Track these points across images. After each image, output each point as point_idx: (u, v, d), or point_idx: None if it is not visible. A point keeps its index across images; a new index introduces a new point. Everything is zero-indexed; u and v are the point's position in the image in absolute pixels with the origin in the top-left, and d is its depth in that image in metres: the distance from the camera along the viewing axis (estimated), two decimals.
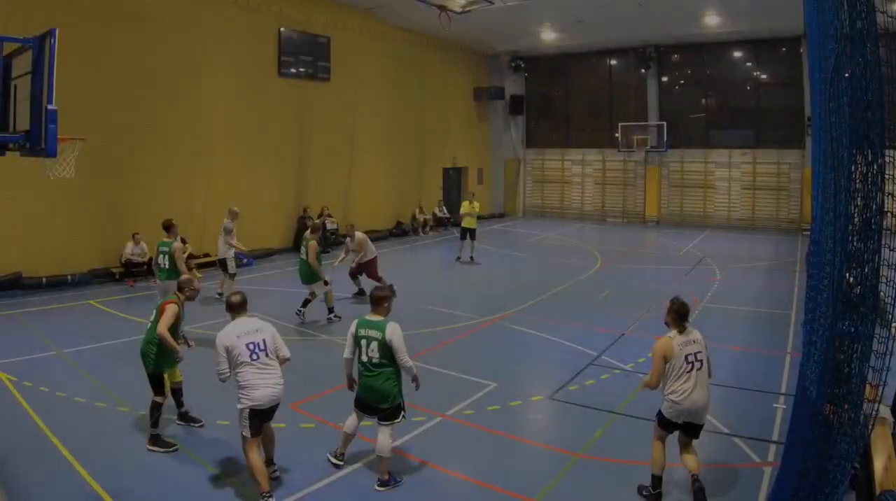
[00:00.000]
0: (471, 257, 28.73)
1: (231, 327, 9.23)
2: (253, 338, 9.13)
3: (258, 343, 9.12)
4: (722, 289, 23.21)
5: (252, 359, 8.97)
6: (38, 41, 9.45)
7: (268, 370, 9.06)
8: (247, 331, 9.19)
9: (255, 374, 8.93)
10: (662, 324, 10.19)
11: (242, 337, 9.09)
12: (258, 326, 9.37)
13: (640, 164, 43.90)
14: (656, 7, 32.95)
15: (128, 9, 24.49)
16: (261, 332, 9.26)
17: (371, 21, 35.76)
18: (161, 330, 10.37)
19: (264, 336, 9.25)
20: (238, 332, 9.14)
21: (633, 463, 10.02)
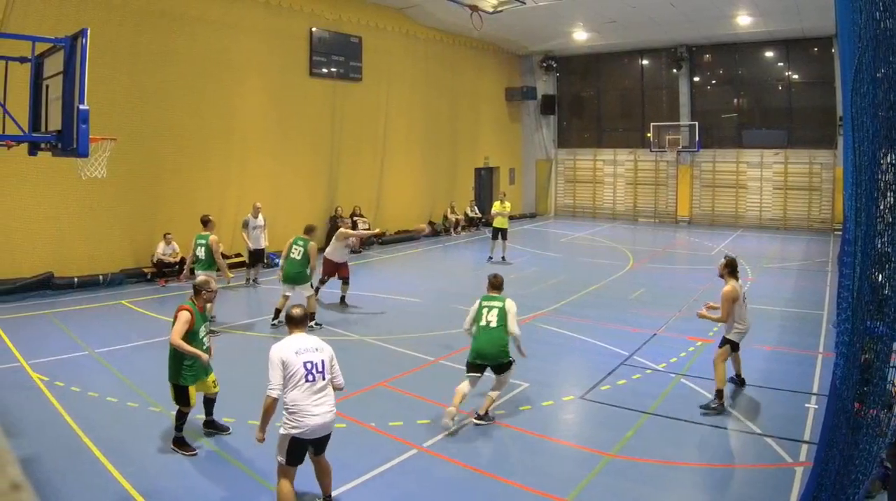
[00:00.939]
0: (502, 257, 28.75)
1: (289, 341, 8.52)
2: (311, 358, 8.39)
3: (316, 363, 8.40)
4: (754, 289, 23.01)
5: (308, 381, 8.25)
6: (70, 41, 9.55)
7: (322, 395, 8.35)
8: (306, 348, 8.44)
9: (308, 398, 8.22)
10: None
11: (301, 355, 8.35)
12: (318, 345, 8.62)
13: (672, 164, 43.74)
14: (688, 7, 32.93)
15: (159, 8, 24.58)
16: (320, 352, 8.53)
17: (403, 21, 35.85)
18: (174, 339, 10.21)
19: (323, 356, 8.51)
20: (297, 348, 8.40)
21: (666, 463, 10.04)
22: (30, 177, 21.24)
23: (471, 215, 40.85)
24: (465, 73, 41.65)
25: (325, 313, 19.29)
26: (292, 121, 30.21)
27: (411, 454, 10.35)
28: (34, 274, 21.64)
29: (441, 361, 15.01)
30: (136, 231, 24.32)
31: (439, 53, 39.20)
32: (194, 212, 23.45)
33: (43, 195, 21.91)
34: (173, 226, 24.11)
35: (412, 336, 17.36)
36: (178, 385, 10.44)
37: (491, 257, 28.96)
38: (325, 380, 8.42)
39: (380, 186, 35.19)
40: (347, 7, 32.52)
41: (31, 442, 10.40)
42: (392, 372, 14.16)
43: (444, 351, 15.68)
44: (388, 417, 11.75)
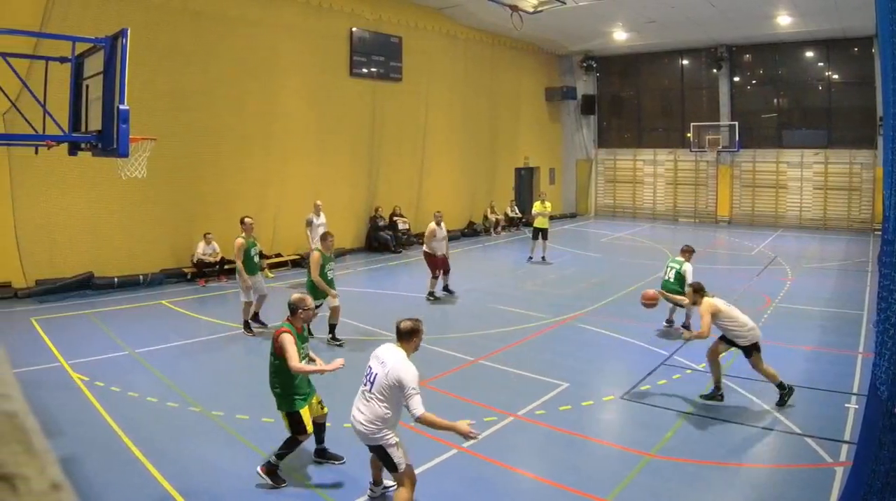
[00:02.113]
0: (542, 257, 28.75)
1: (385, 346, 8.68)
2: (373, 365, 8.47)
3: (374, 373, 8.40)
4: (794, 289, 23.02)
5: (362, 383, 8.50)
6: (110, 41, 9.56)
7: (365, 403, 8.38)
8: (377, 355, 8.52)
9: (358, 397, 8.53)
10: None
11: (372, 359, 8.56)
12: (388, 358, 8.38)
13: (712, 164, 43.51)
14: (728, 7, 32.73)
15: (199, 8, 24.71)
16: (383, 365, 8.33)
17: (443, 21, 35.86)
18: (295, 366, 9.54)
19: (383, 370, 8.29)
20: (376, 352, 8.59)
21: (705, 464, 10.02)
22: (70, 177, 21.42)
23: (511, 215, 40.85)
24: (505, 73, 41.57)
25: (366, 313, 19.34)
26: (332, 122, 30.23)
27: (451, 454, 10.39)
28: (74, 274, 21.80)
29: (481, 361, 15.03)
30: (176, 231, 24.46)
31: (479, 53, 39.18)
32: (234, 212, 23.58)
33: (83, 195, 22.10)
34: (213, 225, 24.20)
35: (452, 336, 17.38)
36: (291, 412, 9.84)
37: (531, 257, 28.92)
38: (370, 392, 8.30)
39: (420, 186, 35.25)
40: (388, 7, 32.58)
41: (72, 442, 10.45)
42: (432, 372, 14.14)
43: (484, 352, 15.69)
44: None
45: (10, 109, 13.00)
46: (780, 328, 17.96)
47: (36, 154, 11.81)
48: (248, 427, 11.37)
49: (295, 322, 10.18)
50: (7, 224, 20.86)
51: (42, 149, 10.85)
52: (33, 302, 20.48)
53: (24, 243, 21.15)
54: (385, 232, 31.48)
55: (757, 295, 21.89)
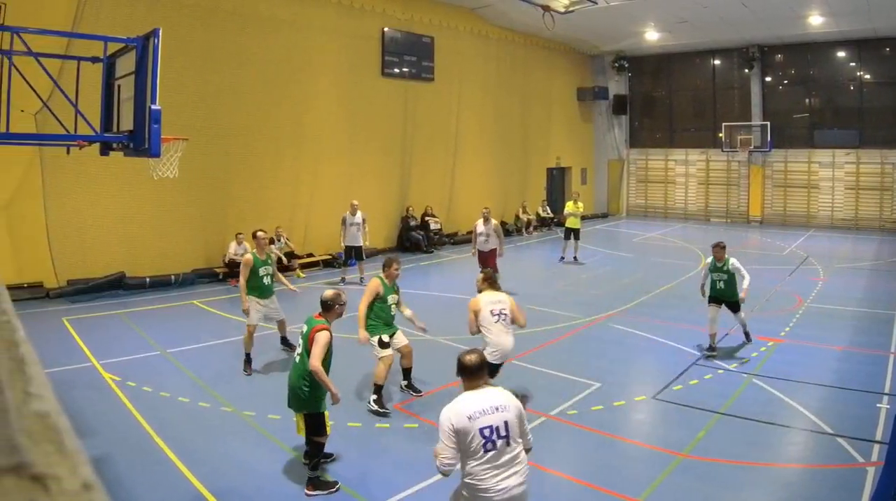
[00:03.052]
0: (574, 257, 28.68)
1: (464, 401, 6.75)
2: (491, 421, 6.58)
3: (496, 427, 6.59)
4: (825, 289, 22.89)
5: (486, 449, 6.52)
6: (142, 41, 9.59)
7: (510, 463, 6.60)
8: (483, 410, 6.61)
9: (489, 470, 6.52)
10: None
11: (476, 419, 6.55)
12: (501, 401, 6.75)
13: (744, 164, 43.28)
14: (759, 7, 32.60)
15: (231, 8, 24.80)
16: (503, 411, 6.66)
17: (475, 21, 35.81)
18: (314, 364, 9.19)
19: (507, 416, 6.65)
20: (472, 411, 6.59)
21: (738, 464, 10.02)
22: (101, 177, 21.51)
23: (543, 215, 40.80)
24: (537, 73, 41.48)
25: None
26: (364, 122, 30.27)
27: None
28: (106, 274, 21.88)
29: (512, 361, 14.99)
30: (207, 231, 24.52)
31: (511, 53, 39.11)
32: (266, 212, 23.71)
33: (114, 195, 22.20)
34: (245, 225, 23.93)
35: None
36: (316, 413, 9.48)
37: (563, 257, 28.84)
38: (509, 445, 6.59)
39: (451, 186, 35.25)
40: (419, 7, 32.60)
41: (103, 442, 10.49)
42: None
43: (516, 351, 15.67)
44: None
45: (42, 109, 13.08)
46: (812, 327, 17.93)
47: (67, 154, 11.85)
48: (280, 428, 11.32)
49: (330, 317, 9.89)
50: (39, 224, 20.97)
51: (73, 149, 10.90)
52: (65, 302, 20.57)
53: (56, 243, 21.26)
54: (417, 232, 31.51)
55: (789, 295, 21.81)
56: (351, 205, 23.73)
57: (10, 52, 9.88)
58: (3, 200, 20.31)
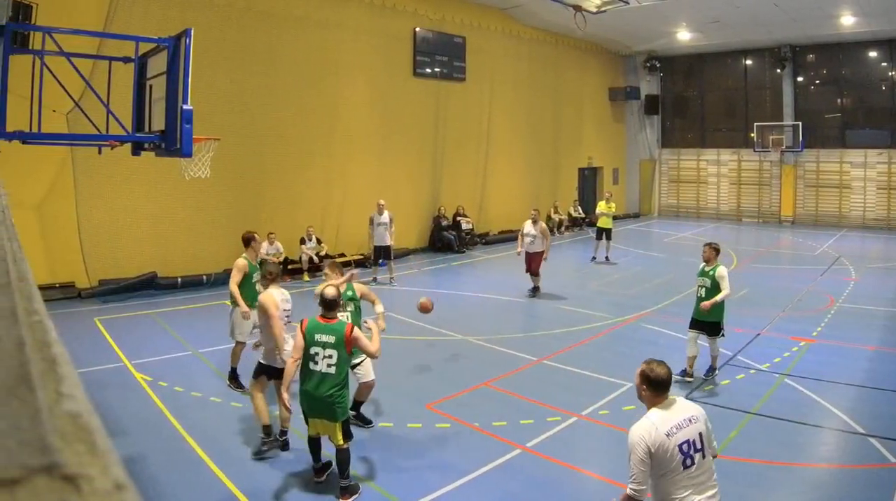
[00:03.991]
0: (606, 257, 28.62)
1: (657, 418, 6.25)
2: (687, 435, 6.15)
3: (693, 441, 6.17)
4: (858, 290, 22.72)
5: (686, 466, 6.07)
6: (174, 41, 9.59)
7: (707, 478, 6.23)
8: (678, 424, 6.16)
9: (687, 489, 6.08)
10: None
11: (673, 435, 6.09)
12: (691, 413, 6.37)
13: (776, 164, 43.05)
14: (791, 7, 32.42)
15: (263, 8, 24.84)
16: (696, 422, 6.27)
17: (506, 21, 35.75)
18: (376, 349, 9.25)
19: (700, 427, 6.28)
20: (668, 427, 6.12)
21: (770, 464, 9.98)
22: (133, 177, 21.56)
23: (574, 215, 40.72)
24: (569, 73, 41.39)
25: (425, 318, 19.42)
26: (396, 122, 30.28)
27: (515, 454, 10.39)
28: (138, 274, 21.91)
29: (544, 361, 15.03)
30: (239, 231, 23.66)
31: (542, 53, 39.03)
32: (298, 212, 23.74)
33: (146, 195, 22.26)
34: (276, 225, 24.13)
35: (515, 336, 17.41)
36: (349, 416, 9.42)
37: (594, 257, 28.81)
38: (704, 458, 6.20)
39: (483, 186, 35.19)
40: (451, 7, 32.59)
41: (135, 442, 10.56)
42: (495, 372, 14.18)
43: (547, 351, 15.67)
44: (492, 417, 11.78)
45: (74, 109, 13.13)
46: (844, 327, 17.81)
47: (99, 154, 11.87)
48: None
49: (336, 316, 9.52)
50: (70, 224, 21.05)
51: (105, 150, 10.94)
52: (96, 302, 20.62)
53: (88, 243, 21.34)
54: (449, 232, 31.48)
55: (821, 295, 21.68)
56: (378, 205, 23.72)
57: (41, 52, 9.93)
58: (36, 200, 20.38)
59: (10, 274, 1.41)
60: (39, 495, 0.63)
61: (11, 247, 1.80)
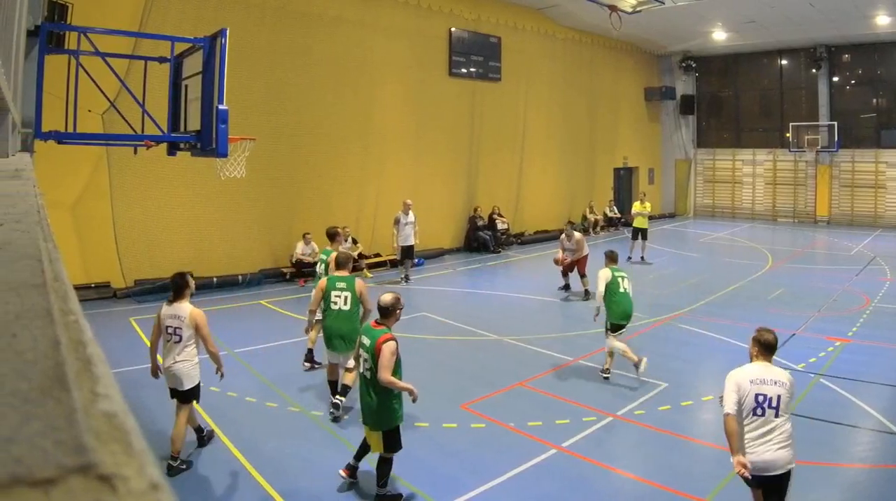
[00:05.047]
0: (641, 257, 28.52)
1: (750, 368, 7.81)
2: (766, 391, 7.53)
3: (770, 397, 7.53)
4: (893, 290, 22.46)
5: (755, 414, 7.51)
6: (209, 41, 9.57)
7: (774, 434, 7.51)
8: (762, 379, 7.59)
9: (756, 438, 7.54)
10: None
11: (755, 384, 7.57)
12: (780, 377, 7.65)
13: (811, 164, 42.71)
14: (827, 7, 32.21)
15: (298, 8, 24.89)
16: (780, 385, 7.56)
17: (542, 21, 35.72)
18: (385, 377, 8.80)
19: (781, 391, 7.54)
20: (753, 377, 7.63)
21: (805, 464, 9.91)
22: (168, 177, 21.66)
23: (610, 215, 40.59)
24: (604, 73, 41.27)
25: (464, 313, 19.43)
26: (431, 121, 30.27)
27: (550, 454, 10.39)
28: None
29: (580, 361, 15.02)
30: (274, 231, 24.56)
31: (578, 53, 38.94)
32: (333, 211, 23.74)
33: (181, 195, 22.34)
34: (312, 225, 24.07)
35: (550, 336, 17.40)
36: (392, 429, 9.17)
37: (630, 257, 28.60)
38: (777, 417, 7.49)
39: (519, 186, 35.16)
40: (486, 7, 32.54)
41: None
42: (531, 372, 14.17)
43: (583, 351, 15.65)
44: (528, 417, 11.79)
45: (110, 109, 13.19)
46: (880, 327, 17.69)
47: (135, 154, 11.96)
48: (348, 428, 11.36)
49: (389, 323, 9.42)
50: (106, 224, 21.14)
51: (140, 149, 11.02)
52: (132, 301, 20.66)
53: (123, 243, 21.44)
54: (484, 232, 31.46)
55: (856, 295, 21.54)
56: (404, 204, 23.73)
57: (77, 52, 9.99)
58: (71, 200, 20.45)
59: (45, 274, 1.43)
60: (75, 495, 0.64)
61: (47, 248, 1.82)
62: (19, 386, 0.84)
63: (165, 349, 9.97)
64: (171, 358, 9.91)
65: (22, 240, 1.87)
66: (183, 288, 10.18)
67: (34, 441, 0.72)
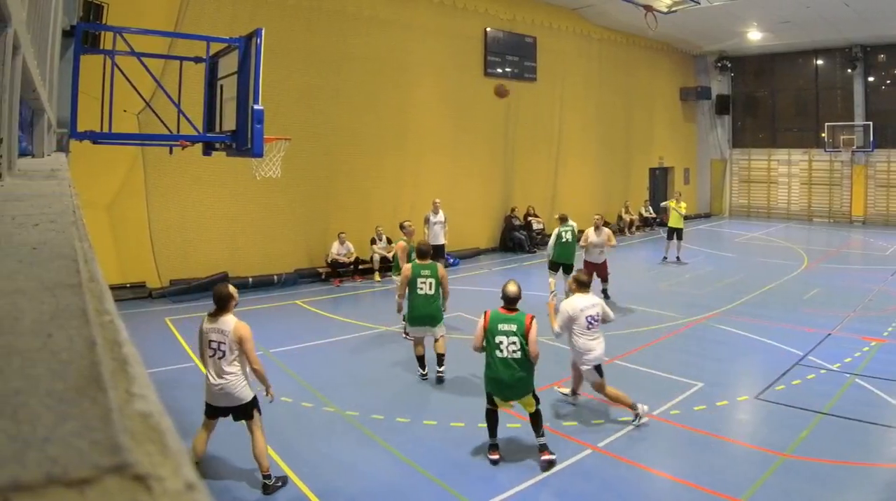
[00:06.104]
0: (677, 257, 28.33)
1: (576, 299, 11.71)
2: (592, 312, 11.54)
3: (594, 315, 11.56)
4: None
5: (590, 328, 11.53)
6: (245, 41, 9.59)
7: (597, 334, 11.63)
8: (586, 306, 11.55)
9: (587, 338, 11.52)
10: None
11: (584, 311, 11.46)
12: (594, 301, 11.83)
13: (847, 164, 42.36)
14: (862, 7, 31.95)
15: (333, 8, 24.93)
16: (596, 306, 11.70)
17: (577, 21, 35.64)
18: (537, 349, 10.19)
19: (598, 309, 11.70)
20: (582, 305, 11.53)
21: (840, 464, 9.87)
22: (204, 177, 21.70)
23: (645, 215, 40.43)
24: (639, 73, 41.13)
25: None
26: (467, 121, 30.24)
27: (586, 453, 10.37)
28: (209, 274, 21.84)
29: (615, 361, 14.91)
30: (309, 231, 24.58)
31: (613, 53, 38.81)
32: (368, 211, 23.76)
33: (217, 195, 22.40)
34: (347, 225, 24.24)
35: None
36: None
37: (665, 257, 28.54)
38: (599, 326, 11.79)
39: (554, 186, 35.04)
40: (522, 7, 32.50)
41: None
42: (565, 372, 14.08)
43: (618, 351, 15.54)
44: (563, 417, 11.82)
45: (145, 109, 13.26)
46: None
47: (170, 154, 11.96)
48: (383, 428, 11.37)
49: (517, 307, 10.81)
50: (141, 224, 21.24)
51: (176, 149, 11.07)
52: (167, 302, 20.75)
53: (159, 243, 21.53)
54: (520, 232, 31.46)
55: (892, 296, 21.33)
56: (433, 204, 23.89)
57: (112, 52, 10.04)
58: (107, 201, 20.56)
59: (80, 274, 1.44)
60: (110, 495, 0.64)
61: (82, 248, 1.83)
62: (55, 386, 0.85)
63: (211, 366, 9.53)
64: (219, 375, 9.46)
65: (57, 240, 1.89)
66: (227, 301, 9.60)
67: (70, 441, 0.72)
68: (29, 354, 0.96)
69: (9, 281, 1.38)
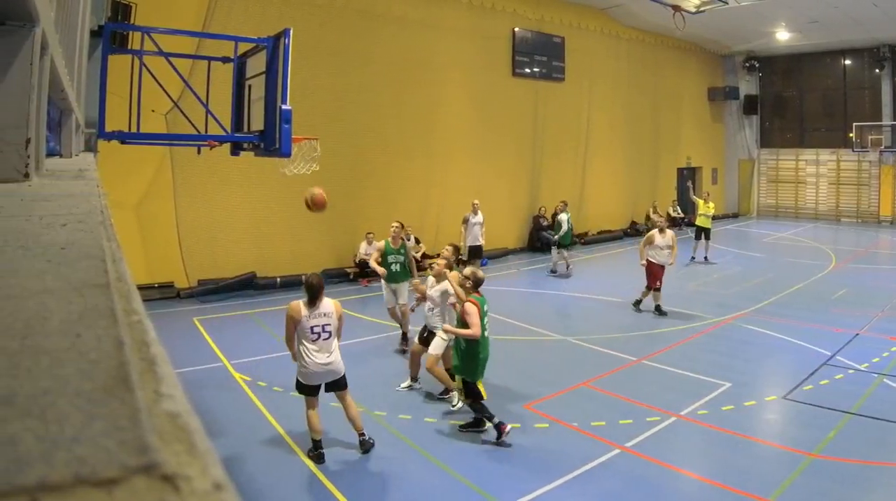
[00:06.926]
0: (705, 257, 28.28)
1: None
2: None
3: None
4: None
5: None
6: (273, 41, 9.62)
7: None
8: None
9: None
10: None
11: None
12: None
13: (875, 164, 41.98)
14: (891, 7, 31.70)
15: (362, 8, 24.89)
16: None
17: (605, 21, 35.53)
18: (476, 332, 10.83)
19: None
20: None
21: (868, 464, 9.82)
22: (232, 177, 21.73)
23: (673, 215, 40.11)
24: (667, 73, 40.95)
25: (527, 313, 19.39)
26: (494, 121, 30.13)
27: (614, 453, 10.34)
28: (237, 274, 22.00)
29: (643, 361, 14.93)
30: (337, 231, 24.49)
31: (641, 53, 38.68)
32: (396, 211, 23.64)
33: (245, 195, 22.41)
34: (375, 225, 23.75)
35: (614, 336, 17.25)
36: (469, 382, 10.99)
37: (693, 257, 28.42)
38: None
39: (582, 186, 34.90)
40: (550, 7, 32.43)
41: (234, 442, 10.62)
42: (594, 371, 14.10)
43: (646, 351, 15.56)
44: (591, 417, 11.73)
45: (173, 109, 13.30)
46: None
47: (198, 154, 11.97)
48: (411, 427, 11.40)
49: None
50: (169, 224, 21.28)
51: (204, 149, 11.07)
52: (195, 302, 20.83)
53: (187, 243, 21.57)
54: (548, 232, 31.16)
55: None
56: (473, 205, 23.77)
57: (140, 52, 10.11)
58: (135, 200, 20.60)
59: (108, 274, 1.44)
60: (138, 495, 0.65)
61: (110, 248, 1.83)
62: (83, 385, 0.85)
63: (316, 349, 10.20)
64: (327, 355, 10.29)
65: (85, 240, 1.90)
66: (321, 289, 10.43)
67: (98, 441, 0.72)
68: (57, 354, 0.96)
69: (37, 281, 1.39)
